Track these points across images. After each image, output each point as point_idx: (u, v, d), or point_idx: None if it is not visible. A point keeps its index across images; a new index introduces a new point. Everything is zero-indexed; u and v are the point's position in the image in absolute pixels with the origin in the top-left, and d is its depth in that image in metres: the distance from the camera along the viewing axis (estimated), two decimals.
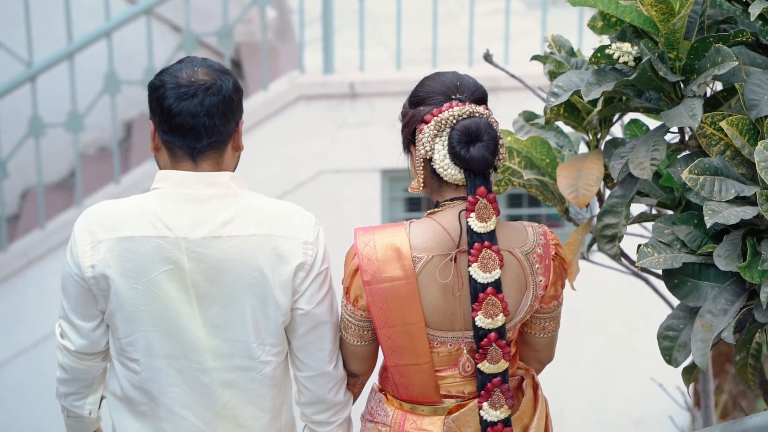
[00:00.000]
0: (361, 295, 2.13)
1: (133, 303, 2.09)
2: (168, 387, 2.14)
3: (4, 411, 4.95)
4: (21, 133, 5.04)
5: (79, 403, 2.27)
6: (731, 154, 2.02)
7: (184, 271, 2.08)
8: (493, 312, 2.08)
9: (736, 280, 1.96)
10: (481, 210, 2.07)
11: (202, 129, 2.07)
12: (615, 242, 2.09)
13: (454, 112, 2.10)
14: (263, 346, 2.13)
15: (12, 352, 4.87)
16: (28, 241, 4.86)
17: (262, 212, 2.11)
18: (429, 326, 2.13)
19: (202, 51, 5.61)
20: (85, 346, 2.18)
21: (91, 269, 2.09)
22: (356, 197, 5.00)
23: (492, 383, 2.13)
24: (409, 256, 2.09)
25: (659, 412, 5.17)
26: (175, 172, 2.09)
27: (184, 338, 2.11)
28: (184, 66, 2.11)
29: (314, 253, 2.12)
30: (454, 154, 2.08)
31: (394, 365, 2.17)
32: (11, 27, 5.18)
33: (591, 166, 2.15)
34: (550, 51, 2.31)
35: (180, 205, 2.08)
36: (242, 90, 2.14)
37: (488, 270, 2.07)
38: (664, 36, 2.00)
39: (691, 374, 2.13)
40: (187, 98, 2.06)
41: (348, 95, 4.91)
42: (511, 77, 2.76)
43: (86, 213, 2.13)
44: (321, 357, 2.17)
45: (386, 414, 2.24)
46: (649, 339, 3.79)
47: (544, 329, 2.26)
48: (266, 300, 2.10)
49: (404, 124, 2.19)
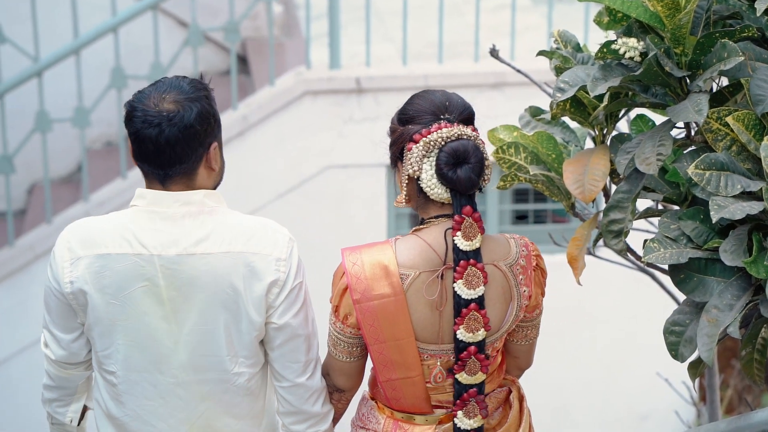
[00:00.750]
0: (351, 313, 2.18)
1: (109, 318, 2.16)
2: (143, 400, 2.20)
3: (12, 405, 4.96)
4: (28, 128, 5.05)
5: (61, 410, 2.35)
6: (737, 149, 2.02)
7: (159, 288, 2.14)
8: (474, 327, 2.15)
9: (742, 275, 1.96)
10: (467, 229, 2.14)
11: (165, 158, 2.12)
12: (621, 237, 2.09)
13: (442, 134, 2.15)
14: (236, 359, 2.19)
15: (19, 347, 4.88)
16: (34, 235, 4.87)
17: (235, 229, 2.15)
18: (419, 340, 2.19)
19: (209, 46, 5.62)
20: (65, 356, 2.25)
21: (69, 285, 2.15)
22: (362, 192, 5.01)
23: (468, 393, 2.21)
24: (396, 273, 2.15)
25: (665, 407, 5.17)
26: (150, 191, 2.15)
27: (159, 353, 2.17)
28: (155, 90, 2.13)
29: (287, 269, 2.16)
30: (441, 175, 2.14)
31: (386, 380, 2.23)
32: (18, 22, 5.19)
33: (597, 162, 2.15)
34: (556, 46, 2.31)
35: (156, 223, 2.14)
36: (213, 113, 2.14)
37: (472, 287, 2.14)
38: (670, 31, 2.00)
39: (697, 369, 2.13)
40: (150, 127, 2.10)
41: (354, 90, 4.91)
42: (517, 72, 2.75)
43: (67, 229, 2.19)
44: (296, 369, 2.21)
45: (377, 421, 2.29)
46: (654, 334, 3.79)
47: (525, 337, 2.33)
48: (239, 315, 2.16)
49: (392, 141, 2.22)
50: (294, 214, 4.99)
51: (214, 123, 2.15)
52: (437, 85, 4.97)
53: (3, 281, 4.82)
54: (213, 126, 2.14)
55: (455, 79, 4.95)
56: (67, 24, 5.10)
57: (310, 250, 5.15)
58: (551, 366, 5.30)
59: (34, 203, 5.43)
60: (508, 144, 2.30)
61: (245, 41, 5.67)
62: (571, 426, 5.41)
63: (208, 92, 2.17)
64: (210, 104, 2.15)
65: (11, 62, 5.13)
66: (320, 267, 5.07)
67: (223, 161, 2.23)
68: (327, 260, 5.12)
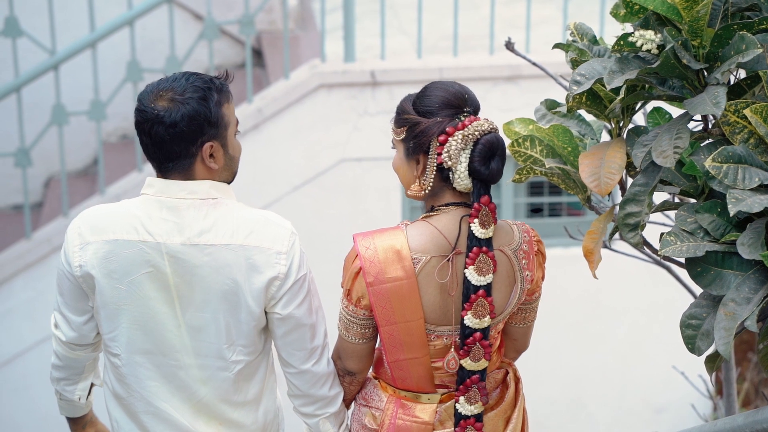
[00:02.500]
0: (364, 296, 2.24)
1: (115, 301, 2.23)
2: (147, 381, 2.27)
3: (30, 395, 5.00)
4: (44, 122, 5.07)
5: (69, 388, 2.44)
6: (755, 141, 2.01)
7: (165, 274, 2.20)
8: (481, 313, 2.22)
9: (760, 268, 1.95)
10: (483, 217, 2.21)
11: (158, 153, 2.19)
12: (637, 231, 2.09)
13: (478, 127, 2.21)
14: (234, 347, 2.25)
15: (37, 339, 4.92)
16: (51, 228, 4.90)
17: (237, 222, 2.20)
18: (427, 321, 2.25)
19: (224, 39, 5.63)
20: (75, 337, 2.34)
21: (79, 268, 2.23)
22: (377, 185, 5.01)
23: (471, 380, 2.27)
24: (409, 257, 2.21)
25: (681, 399, 5.16)
26: (159, 180, 2.21)
27: (162, 336, 2.24)
28: (156, 86, 2.19)
29: (288, 262, 2.21)
30: (475, 168, 2.20)
31: (393, 360, 2.30)
32: (34, 15, 5.21)
33: (613, 155, 2.14)
34: (572, 39, 2.30)
35: (162, 212, 2.20)
36: (205, 115, 2.16)
37: (483, 273, 2.21)
38: (688, 23, 1.99)
39: (714, 363, 2.13)
40: (144, 123, 2.18)
41: (369, 83, 4.91)
42: (533, 65, 2.75)
43: (80, 215, 2.27)
44: (301, 356, 2.27)
45: (380, 399, 2.36)
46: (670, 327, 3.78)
47: (524, 319, 2.40)
48: (238, 306, 2.21)
49: (416, 133, 2.23)
50: (309, 206, 5.00)
51: (207, 124, 2.16)
52: (452, 78, 4.97)
53: (20, 274, 4.85)
54: (205, 127, 2.17)
55: (470, 72, 4.95)
56: (84, 17, 5.12)
57: (326, 242, 5.16)
58: (567, 358, 5.30)
59: (51, 196, 5.45)
60: (524, 137, 2.30)
61: (260, 34, 5.68)
62: (586, 418, 5.41)
63: (209, 93, 2.18)
64: (205, 105, 2.16)
65: (28, 55, 5.16)
66: (337, 259, 5.08)
67: (229, 158, 2.25)
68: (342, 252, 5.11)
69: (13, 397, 4.97)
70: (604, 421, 5.42)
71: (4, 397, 4.97)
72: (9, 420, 5.00)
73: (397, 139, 2.28)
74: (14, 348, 4.91)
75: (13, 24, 4.66)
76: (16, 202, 5.59)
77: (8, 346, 4.91)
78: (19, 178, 5.27)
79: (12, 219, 5.45)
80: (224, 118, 2.20)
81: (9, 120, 5.22)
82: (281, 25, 5.58)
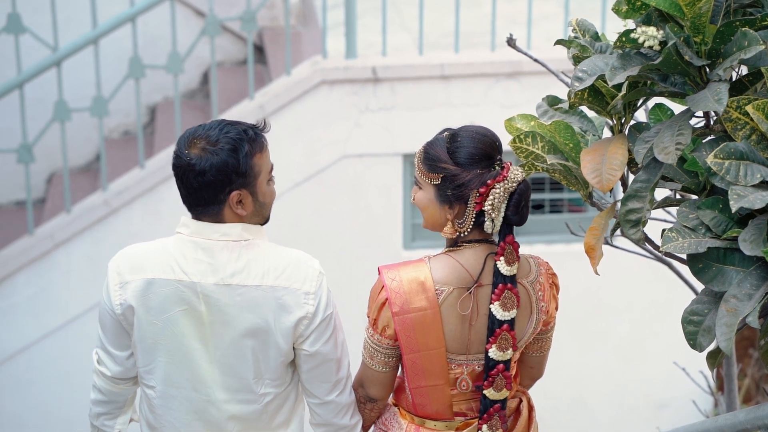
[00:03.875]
0: (389, 325, 2.36)
1: (152, 336, 2.34)
2: (178, 413, 2.38)
3: (33, 391, 5.01)
4: (47, 118, 5.08)
5: (110, 422, 2.52)
6: (757, 138, 2.01)
7: (199, 312, 2.31)
8: (505, 346, 2.35)
9: (761, 264, 1.96)
10: (508, 255, 2.33)
11: (189, 197, 2.31)
12: (639, 227, 2.09)
13: (515, 178, 2.34)
14: (262, 381, 2.36)
15: (40, 334, 4.92)
16: (54, 224, 4.90)
17: (268, 264, 2.32)
18: (448, 351, 2.36)
19: (226, 36, 5.63)
20: (120, 372, 2.43)
21: (119, 306, 2.33)
22: (378, 182, 5.01)
23: (494, 408, 2.40)
24: (432, 288, 2.33)
25: (682, 395, 5.17)
26: (193, 222, 2.32)
27: (194, 372, 2.35)
28: (194, 133, 2.29)
29: (316, 302, 2.32)
30: (510, 215, 2.35)
31: (415, 387, 2.41)
32: (37, 12, 5.22)
33: (615, 151, 2.14)
34: (574, 35, 2.30)
35: (197, 253, 2.31)
36: (234, 167, 2.26)
37: (507, 309, 2.33)
38: (690, 20, 2.00)
39: (715, 359, 2.13)
40: (177, 168, 2.30)
41: (370, 80, 4.91)
42: (534, 62, 2.75)
43: (119, 254, 2.38)
44: (326, 388, 2.39)
45: (400, 426, 2.47)
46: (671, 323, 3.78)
47: (540, 348, 2.52)
48: (268, 343, 2.33)
49: (457, 184, 2.33)
50: (310, 203, 5.00)
51: (234, 175, 2.27)
52: (453, 75, 4.97)
53: (23, 270, 4.86)
54: (232, 177, 2.27)
55: (471, 69, 4.95)
56: (86, 14, 5.12)
57: (326, 239, 5.17)
58: (569, 355, 5.30)
59: (53, 192, 5.46)
60: (526, 133, 2.30)
61: (262, 31, 5.68)
62: (588, 414, 5.42)
63: (240, 144, 2.27)
64: (235, 157, 2.26)
65: (30, 52, 5.16)
66: (338, 256, 5.10)
67: (259, 205, 2.34)
68: (343, 250, 5.15)
69: (15, 393, 4.98)
70: (606, 418, 5.42)
71: (7, 392, 4.98)
72: (12, 416, 5.01)
73: (428, 182, 2.36)
74: (17, 344, 4.92)
75: (16, 21, 4.66)
76: (18, 198, 5.59)
77: (11, 342, 4.92)
78: (22, 174, 5.27)
79: (14, 215, 5.45)
80: (254, 168, 2.30)
81: (11, 116, 5.22)
82: (283, 21, 5.58)
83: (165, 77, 5.46)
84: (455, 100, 4.94)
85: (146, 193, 4.89)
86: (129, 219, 4.89)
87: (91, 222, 4.87)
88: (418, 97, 4.94)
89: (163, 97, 5.68)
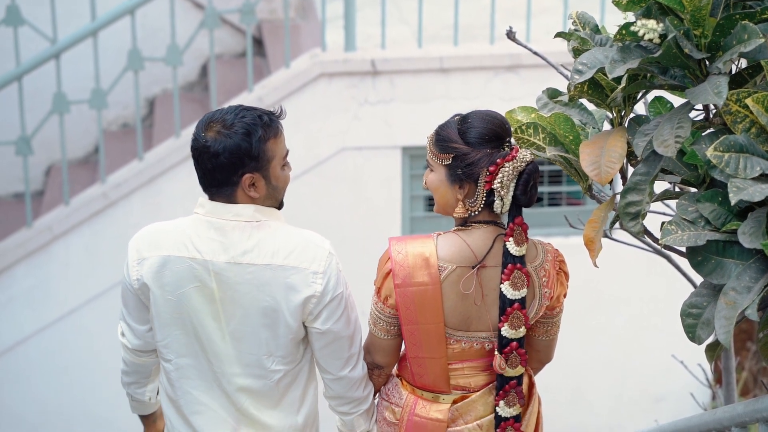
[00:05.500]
0: (391, 295, 2.41)
1: (167, 311, 2.42)
2: (193, 386, 2.47)
3: (31, 383, 5.01)
4: (45, 110, 5.07)
5: (140, 390, 2.66)
6: (756, 131, 2.01)
7: (211, 289, 2.39)
8: (517, 324, 2.39)
9: (761, 257, 1.96)
10: (517, 236, 2.38)
11: (204, 178, 2.39)
12: (638, 219, 2.09)
13: (523, 159, 2.37)
14: (273, 358, 2.43)
15: (38, 326, 4.93)
16: (52, 216, 4.90)
17: (278, 244, 2.38)
18: (447, 326, 2.42)
19: (225, 28, 5.62)
20: (140, 345, 2.54)
21: (137, 281, 2.43)
22: (377, 174, 5.01)
23: (510, 385, 2.46)
24: (435, 265, 2.38)
25: (680, 388, 5.18)
26: (209, 202, 2.40)
27: (208, 346, 2.43)
28: (211, 117, 2.37)
29: (324, 281, 2.38)
30: (519, 195, 2.38)
31: (413, 356, 2.46)
32: (36, 5, 5.21)
33: (614, 144, 2.14)
34: (574, 28, 2.30)
35: (210, 232, 2.39)
36: (247, 150, 2.33)
37: (517, 288, 2.38)
38: (690, 13, 2.00)
39: (714, 351, 2.14)
40: (194, 150, 2.38)
41: (369, 73, 4.91)
42: (534, 54, 2.75)
43: (139, 232, 2.47)
44: (338, 364, 2.46)
45: (400, 396, 2.54)
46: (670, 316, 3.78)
47: (546, 332, 2.54)
48: (277, 321, 2.39)
49: (467, 163, 2.37)
50: (309, 195, 5.00)
51: (247, 158, 2.34)
52: (453, 68, 4.97)
53: (21, 262, 4.86)
54: (245, 160, 2.34)
55: (471, 62, 4.95)
56: (85, 6, 5.11)
57: (326, 232, 5.16)
58: (567, 347, 5.30)
59: (52, 184, 5.46)
60: (527, 124, 2.31)
61: (261, 23, 5.67)
62: (586, 407, 5.43)
63: (254, 128, 2.34)
64: (248, 141, 2.33)
65: (29, 44, 5.15)
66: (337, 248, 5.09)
67: (272, 188, 2.41)
68: (343, 242, 5.15)
69: (13, 386, 4.98)
70: (604, 410, 5.43)
71: (5, 385, 4.98)
72: (10, 408, 5.01)
73: (439, 163, 2.40)
74: (15, 336, 4.92)
75: (15, 13, 4.66)
76: (17, 191, 5.59)
77: (9, 335, 4.92)
78: (20, 167, 5.27)
79: (13, 207, 5.45)
80: (267, 152, 2.37)
81: (10, 108, 5.22)
82: (282, 14, 5.58)
83: (164, 70, 5.45)
84: (454, 93, 4.94)
85: (145, 185, 4.88)
86: (127, 211, 4.89)
87: (90, 214, 4.87)
88: (417, 89, 4.94)
89: (162, 90, 5.67)
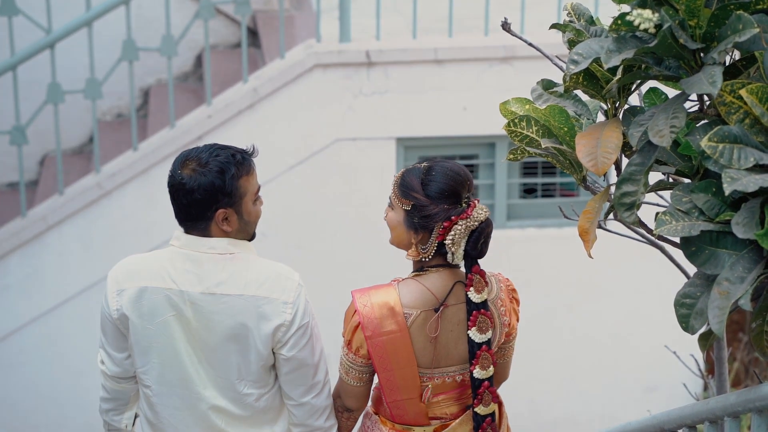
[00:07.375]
0: (362, 346, 2.57)
1: (146, 340, 2.55)
2: (173, 410, 2.60)
3: (25, 372, 5.01)
4: (40, 100, 5.07)
5: (117, 417, 2.75)
6: (750, 122, 2.02)
7: (187, 318, 2.53)
8: (486, 365, 2.56)
9: (754, 247, 1.97)
10: (477, 284, 2.53)
11: (180, 213, 2.53)
12: (633, 210, 2.10)
13: (477, 217, 2.52)
14: (244, 382, 2.57)
15: (32, 316, 4.93)
16: (46, 206, 4.90)
17: (250, 276, 2.52)
18: (419, 366, 2.58)
19: (219, 19, 5.61)
20: (119, 372, 2.65)
21: (116, 311, 2.56)
22: (372, 165, 5.02)
23: (486, 422, 2.62)
24: (401, 312, 2.54)
25: (672, 378, 5.20)
26: (184, 235, 2.55)
27: (184, 371, 2.56)
28: (187, 155, 2.51)
29: (293, 311, 2.52)
30: (469, 250, 2.52)
31: (392, 401, 2.62)
32: None
33: (609, 134, 2.15)
34: (569, 19, 2.31)
35: (186, 264, 2.53)
36: (220, 187, 2.46)
37: (483, 332, 2.54)
38: (685, 3, 2.00)
39: (707, 340, 2.15)
40: (171, 186, 2.52)
41: (364, 64, 4.91)
42: (528, 46, 2.75)
43: (118, 264, 2.60)
44: (302, 391, 2.59)
45: None
46: (663, 307, 3.80)
47: (504, 356, 2.73)
48: (248, 348, 2.54)
49: (423, 215, 2.52)
50: (304, 186, 5.01)
51: (221, 194, 2.48)
52: (447, 59, 4.97)
53: (15, 251, 4.86)
54: (219, 196, 2.48)
55: (465, 53, 4.95)
56: None
57: (321, 222, 5.18)
58: (561, 338, 5.33)
59: (46, 174, 5.45)
60: (521, 117, 2.31)
61: (256, 14, 5.66)
62: (579, 397, 5.45)
63: (228, 167, 2.47)
64: (221, 178, 2.47)
65: (24, 34, 5.14)
66: (330, 238, 5.11)
67: (244, 223, 2.54)
68: (336, 233, 5.16)
69: (9, 374, 4.98)
70: (597, 400, 5.46)
71: (0, 373, 4.99)
72: (5, 396, 5.02)
73: (400, 207, 2.55)
74: (9, 325, 4.93)
75: (10, 2, 4.65)
76: (11, 180, 5.59)
77: (4, 323, 4.92)
78: (15, 156, 5.26)
79: (7, 197, 5.44)
80: (240, 189, 2.50)
81: (5, 98, 5.21)
82: (276, 4, 5.57)
83: (158, 60, 5.45)
84: (448, 84, 4.95)
85: (139, 175, 4.88)
86: (122, 201, 4.89)
87: (84, 204, 4.87)
88: (412, 80, 4.94)
89: (157, 80, 5.67)
